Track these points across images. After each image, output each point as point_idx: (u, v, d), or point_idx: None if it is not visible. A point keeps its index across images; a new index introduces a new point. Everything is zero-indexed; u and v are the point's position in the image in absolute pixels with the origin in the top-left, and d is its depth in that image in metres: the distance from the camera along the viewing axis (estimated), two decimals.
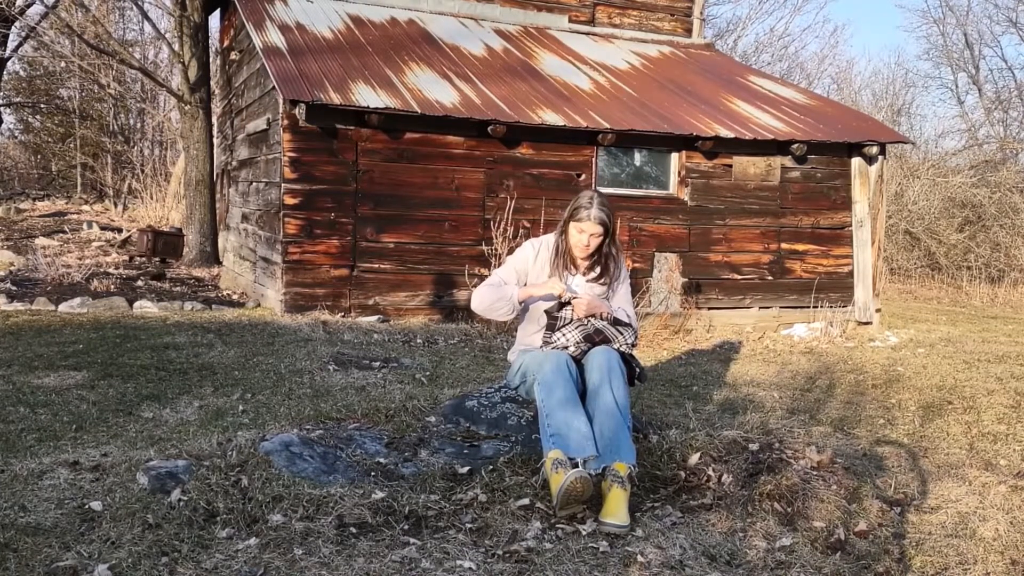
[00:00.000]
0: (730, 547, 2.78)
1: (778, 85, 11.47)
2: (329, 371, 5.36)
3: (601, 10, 11.74)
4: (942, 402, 5.41)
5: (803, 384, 6.05)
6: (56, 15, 15.59)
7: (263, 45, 8.45)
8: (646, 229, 8.86)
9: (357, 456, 3.31)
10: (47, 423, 3.99)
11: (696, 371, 6.40)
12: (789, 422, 4.70)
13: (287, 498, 2.87)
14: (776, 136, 9.08)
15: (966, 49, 24.07)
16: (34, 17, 17.82)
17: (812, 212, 9.56)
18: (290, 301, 7.71)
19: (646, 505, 3.06)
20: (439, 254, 8.18)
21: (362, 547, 2.65)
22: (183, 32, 11.95)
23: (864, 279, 9.67)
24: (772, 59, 25.06)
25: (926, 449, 4.29)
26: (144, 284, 9.80)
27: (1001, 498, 3.43)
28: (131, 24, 22.01)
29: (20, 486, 3.01)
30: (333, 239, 7.83)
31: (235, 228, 10.53)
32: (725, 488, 3.08)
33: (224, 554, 2.56)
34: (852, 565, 2.72)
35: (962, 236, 16.98)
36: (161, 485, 2.95)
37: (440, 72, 8.91)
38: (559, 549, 2.69)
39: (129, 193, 19.75)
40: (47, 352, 5.64)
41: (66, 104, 21.93)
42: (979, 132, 22.96)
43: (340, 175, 7.83)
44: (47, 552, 2.52)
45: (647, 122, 8.68)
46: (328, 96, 7.55)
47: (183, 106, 12.45)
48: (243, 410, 4.36)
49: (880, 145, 9.55)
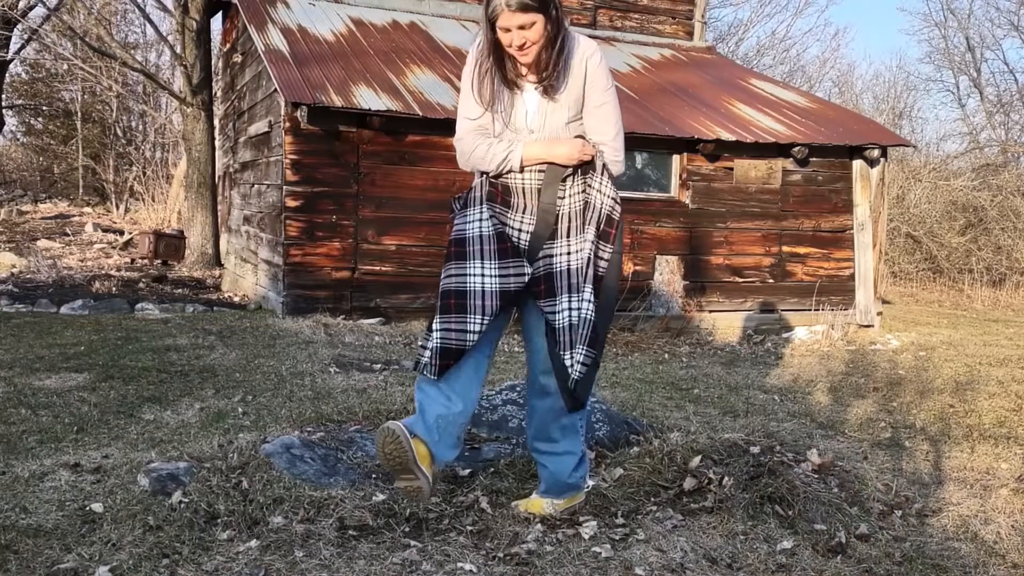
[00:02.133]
0: (731, 550, 2.78)
1: (779, 88, 11.47)
2: (330, 373, 5.36)
3: (603, 13, 11.75)
4: (943, 405, 5.40)
5: (804, 387, 6.04)
6: (58, 17, 15.62)
7: (265, 47, 8.46)
8: (647, 232, 8.86)
9: (358, 458, 3.31)
10: (48, 425, 3.99)
11: (697, 374, 6.40)
12: (790, 425, 4.70)
13: (288, 500, 2.87)
14: (777, 139, 9.09)
15: (968, 52, 24.10)
16: (36, 20, 17.85)
17: (813, 215, 9.56)
18: (291, 303, 7.71)
19: (647, 508, 3.06)
20: (441, 256, 8.17)
21: (363, 549, 2.65)
22: (185, 34, 11.97)
23: (865, 282, 9.67)
24: (774, 62, 25.08)
25: (927, 452, 4.29)
26: (145, 286, 9.81)
27: (1003, 501, 3.43)
28: (133, 27, 22.06)
29: (21, 488, 3.01)
30: (335, 241, 7.83)
31: (237, 230, 10.54)
32: (726, 491, 3.07)
33: (225, 556, 2.56)
34: (853, 568, 2.72)
35: (964, 239, 16.96)
36: (162, 487, 2.95)
37: (441, 75, 8.91)
38: (560, 552, 2.69)
39: (131, 195, 19.77)
40: (48, 354, 5.64)
41: (68, 106, 21.95)
42: (980, 135, 22.97)
43: (342, 177, 7.84)
44: (48, 554, 2.52)
45: (648, 125, 8.68)
46: (330, 98, 7.56)
47: (185, 108, 12.47)
48: (244, 412, 4.36)
49: (881, 148, 9.55)
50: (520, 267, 2.76)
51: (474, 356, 2.76)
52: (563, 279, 2.77)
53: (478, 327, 2.71)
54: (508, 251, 2.76)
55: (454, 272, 2.76)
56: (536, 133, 2.82)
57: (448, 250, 2.82)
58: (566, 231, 2.81)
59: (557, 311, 2.76)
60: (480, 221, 2.78)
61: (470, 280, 2.73)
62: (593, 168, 2.83)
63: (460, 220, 2.85)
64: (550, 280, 2.79)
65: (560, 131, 2.83)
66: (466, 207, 2.85)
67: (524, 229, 2.82)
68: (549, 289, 2.78)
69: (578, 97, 2.82)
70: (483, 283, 2.73)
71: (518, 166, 2.78)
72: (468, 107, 2.86)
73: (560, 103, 2.81)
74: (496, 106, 2.82)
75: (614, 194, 2.86)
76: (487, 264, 2.75)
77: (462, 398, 2.76)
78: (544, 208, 2.80)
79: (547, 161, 2.78)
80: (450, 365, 2.71)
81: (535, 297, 2.81)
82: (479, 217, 2.79)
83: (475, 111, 2.84)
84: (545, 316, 2.80)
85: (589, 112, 2.85)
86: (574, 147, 2.79)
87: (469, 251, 2.75)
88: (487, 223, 2.77)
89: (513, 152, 2.78)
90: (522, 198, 2.83)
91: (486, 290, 2.73)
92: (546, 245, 2.80)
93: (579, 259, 2.78)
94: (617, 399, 5.04)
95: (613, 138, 2.87)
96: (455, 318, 2.71)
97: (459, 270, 2.75)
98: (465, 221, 2.81)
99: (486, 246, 2.75)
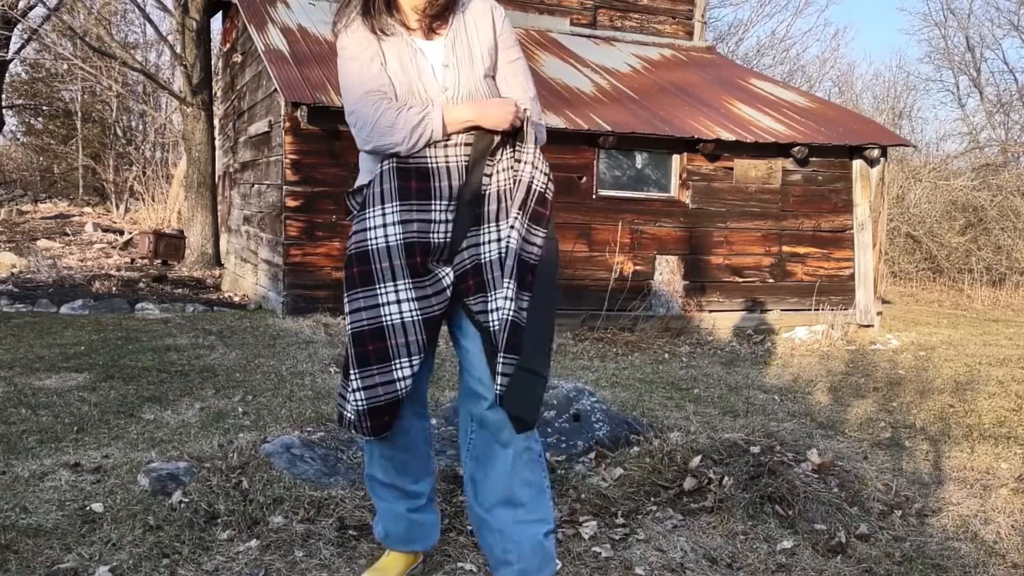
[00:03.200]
0: (731, 550, 2.78)
1: (779, 88, 11.47)
2: (330, 373, 5.36)
3: (603, 13, 11.75)
4: (943, 405, 5.40)
5: (804, 387, 6.04)
6: (58, 17, 15.62)
7: (265, 47, 8.47)
8: (647, 232, 8.86)
9: (358, 458, 3.31)
10: (48, 425, 3.99)
11: (697, 374, 6.40)
12: (790, 425, 4.71)
13: (288, 500, 2.87)
14: (777, 139, 9.09)
15: (967, 52, 24.09)
16: (36, 20, 17.86)
17: (813, 215, 9.56)
18: (291, 303, 7.71)
19: (647, 508, 3.06)
20: None
21: (363, 549, 2.65)
22: (185, 34, 11.97)
23: (865, 282, 9.67)
24: (773, 62, 25.08)
25: (927, 452, 4.29)
26: (146, 286, 9.81)
27: (1003, 501, 3.43)
28: (133, 27, 22.06)
29: (21, 487, 3.01)
30: (335, 241, 7.83)
31: (237, 230, 10.54)
32: (726, 491, 3.07)
33: (225, 556, 2.56)
34: (853, 568, 2.72)
35: (964, 239, 16.96)
36: (162, 487, 2.95)
37: None
38: (560, 552, 2.69)
39: (131, 195, 19.78)
40: (48, 354, 5.64)
41: (68, 106, 21.96)
42: (980, 135, 22.97)
43: (342, 177, 7.83)
44: (48, 554, 2.52)
45: (648, 124, 8.68)
46: (330, 98, 7.56)
47: (185, 108, 12.47)
48: (244, 412, 4.36)
49: (881, 148, 9.55)
50: (438, 283, 2.26)
51: (413, 398, 2.33)
52: (493, 271, 2.24)
53: (408, 371, 2.23)
54: (419, 266, 2.24)
55: (363, 304, 2.23)
56: (451, 91, 2.27)
57: (349, 270, 2.27)
58: (495, 214, 2.26)
59: (489, 310, 2.24)
60: (385, 227, 2.23)
61: (385, 313, 2.22)
62: (522, 136, 2.29)
63: (359, 226, 2.28)
64: (478, 273, 2.25)
65: (479, 89, 2.30)
66: (365, 207, 2.29)
67: (445, 220, 2.26)
68: (479, 284, 2.25)
69: (491, 47, 2.34)
70: (401, 313, 2.22)
71: (440, 132, 2.21)
72: (358, 70, 2.26)
73: (474, 54, 2.31)
74: (391, 69, 2.25)
75: (547, 169, 2.31)
76: (401, 285, 2.23)
77: (417, 458, 2.40)
78: (472, 189, 2.25)
79: (475, 126, 2.24)
80: (386, 423, 2.27)
81: (463, 295, 2.27)
82: (383, 222, 2.24)
83: (370, 71, 2.24)
84: (475, 317, 2.26)
85: (503, 67, 2.37)
86: (507, 108, 2.24)
87: (376, 270, 2.22)
88: (394, 229, 2.22)
89: (431, 114, 2.20)
90: (445, 180, 2.25)
91: (406, 322, 2.22)
92: (471, 233, 2.26)
93: (511, 247, 2.24)
94: (617, 399, 5.04)
95: (533, 99, 2.38)
96: (378, 369, 2.22)
97: (369, 300, 2.23)
98: (365, 228, 2.26)
99: (396, 260, 2.22)
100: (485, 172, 2.27)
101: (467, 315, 2.28)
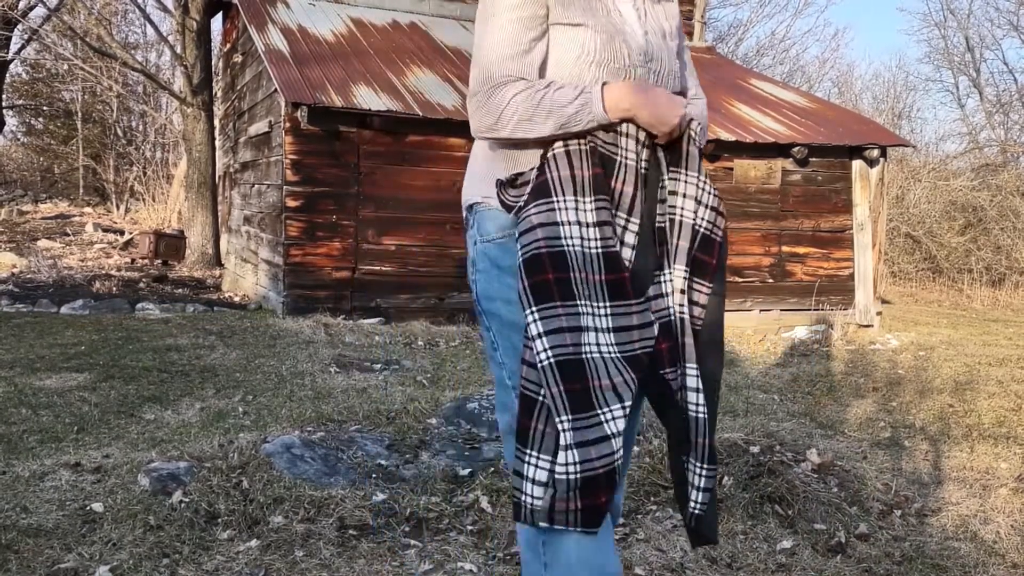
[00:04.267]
0: (731, 550, 2.78)
1: (779, 88, 11.48)
2: (331, 373, 5.36)
3: None
4: (943, 405, 5.40)
5: (804, 387, 6.05)
6: (59, 17, 15.63)
7: (265, 47, 8.47)
8: None
9: (358, 458, 3.32)
10: (49, 424, 3.99)
11: None
12: (790, 425, 4.71)
13: (288, 500, 2.87)
14: (777, 139, 9.09)
15: (967, 52, 24.10)
16: (36, 20, 17.86)
17: (813, 215, 9.57)
18: (292, 303, 7.72)
19: (647, 508, 3.06)
20: (441, 256, 8.19)
21: (363, 549, 2.66)
22: (185, 34, 11.97)
23: (865, 282, 9.67)
24: (773, 62, 25.11)
25: (927, 452, 4.29)
26: (146, 286, 9.81)
27: (1002, 501, 3.43)
28: (133, 27, 22.07)
29: (22, 487, 3.01)
30: (335, 241, 7.84)
31: (237, 230, 10.54)
32: (726, 490, 3.08)
33: (225, 556, 2.56)
34: (853, 568, 2.73)
35: (963, 239, 16.97)
36: (162, 487, 2.95)
37: (442, 75, 8.92)
38: None
39: (131, 195, 19.78)
40: (49, 354, 5.65)
41: (68, 106, 21.97)
42: (980, 135, 22.98)
43: (342, 177, 7.84)
44: (48, 553, 2.53)
45: None
46: (330, 98, 7.56)
47: (185, 108, 12.47)
48: (244, 412, 4.36)
49: (881, 148, 9.55)
50: (645, 314, 1.62)
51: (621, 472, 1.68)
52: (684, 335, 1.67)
53: (622, 424, 1.55)
54: (623, 284, 1.60)
55: (566, 323, 1.55)
56: (653, 64, 1.70)
57: (539, 276, 1.55)
58: (674, 254, 1.69)
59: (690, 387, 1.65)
60: (580, 226, 1.57)
61: (586, 341, 1.56)
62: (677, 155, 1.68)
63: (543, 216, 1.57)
64: (669, 336, 1.66)
65: (674, 67, 1.75)
66: (544, 194, 1.59)
67: (628, 241, 1.63)
68: (672, 351, 1.66)
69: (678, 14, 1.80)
70: (599, 345, 1.57)
71: (601, 115, 1.58)
72: (505, 36, 1.63)
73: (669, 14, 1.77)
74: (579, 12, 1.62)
75: (715, 203, 1.75)
76: (601, 309, 1.58)
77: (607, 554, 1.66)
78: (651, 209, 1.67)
79: (640, 120, 1.61)
80: (602, 505, 1.55)
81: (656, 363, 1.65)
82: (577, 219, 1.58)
83: (521, 40, 1.62)
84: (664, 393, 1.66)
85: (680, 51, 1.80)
86: (676, 108, 1.64)
87: (576, 280, 1.56)
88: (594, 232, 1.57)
89: (591, 94, 1.59)
90: (628, 183, 1.62)
91: (606, 358, 1.56)
92: (654, 275, 1.68)
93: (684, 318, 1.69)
94: None
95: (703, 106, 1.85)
96: (585, 418, 1.53)
97: (572, 320, 1.55)
98: (556, 221, 1.57)
99: (594, 274, 1.57)
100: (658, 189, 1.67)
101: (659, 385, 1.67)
